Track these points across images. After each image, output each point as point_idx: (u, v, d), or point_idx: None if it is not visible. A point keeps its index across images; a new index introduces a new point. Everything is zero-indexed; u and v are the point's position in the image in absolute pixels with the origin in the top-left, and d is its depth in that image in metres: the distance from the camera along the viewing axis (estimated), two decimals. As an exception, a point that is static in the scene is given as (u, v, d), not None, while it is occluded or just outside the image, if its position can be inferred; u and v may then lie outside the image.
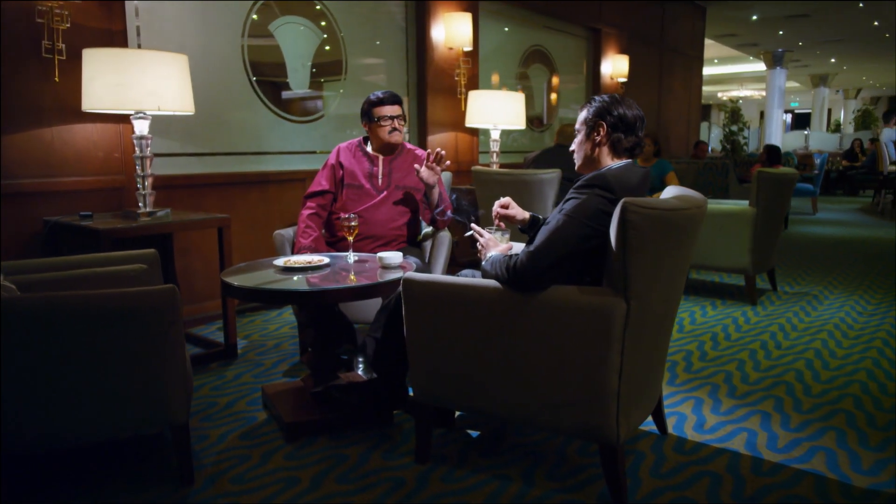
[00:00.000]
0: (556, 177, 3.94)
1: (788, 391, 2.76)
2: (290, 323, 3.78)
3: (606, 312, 1.77)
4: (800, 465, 2.13)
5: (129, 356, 1.79)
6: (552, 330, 1.84)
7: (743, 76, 20.35)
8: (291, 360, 3.15)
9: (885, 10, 10.04)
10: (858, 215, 9.58)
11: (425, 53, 5.05)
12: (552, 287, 1.84)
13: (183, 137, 3.70)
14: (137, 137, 3.00)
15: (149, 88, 2.83)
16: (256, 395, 2.72)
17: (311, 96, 4.39)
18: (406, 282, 2.01)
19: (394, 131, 2.99)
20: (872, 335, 3.55)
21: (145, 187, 3.05)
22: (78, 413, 1.80)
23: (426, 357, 2.05)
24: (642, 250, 1.72)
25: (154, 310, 1.79)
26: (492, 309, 1.90)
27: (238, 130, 3.96)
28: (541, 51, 6.58)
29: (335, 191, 3.08)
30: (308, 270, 2.42)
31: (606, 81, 7.43)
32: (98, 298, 1.74)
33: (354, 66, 4.62)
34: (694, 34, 9.52)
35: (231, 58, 3.87)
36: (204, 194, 3.76)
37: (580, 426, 1.87)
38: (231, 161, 3.95)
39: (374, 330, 2.82)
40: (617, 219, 1.71)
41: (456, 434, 2.37)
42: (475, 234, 2.19)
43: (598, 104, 2.00)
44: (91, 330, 1.73)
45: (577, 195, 1.87)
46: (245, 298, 2.27)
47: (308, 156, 4.37)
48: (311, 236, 2.99)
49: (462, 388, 2.02)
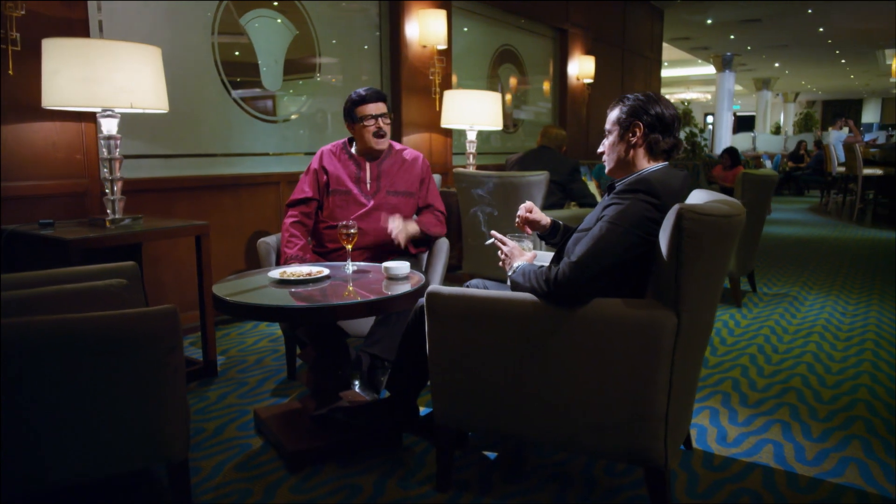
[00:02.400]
0: (544, 179, 3.82)
1: (800, 398, 2.70)
2: (268, 336, 3.54)
3: (656, 327, 1.64)
4: (835, 480, 2.05)
5: (122, 388, 1.56)
6: (596, 346, 1.70)
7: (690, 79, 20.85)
8: (277, 378, 2.93)
9: (831, 17, 10.38)
10: (810, 215, 9.85)
11: (399, 51, 4.86)
12: (595, 300, 1.70)
13: (150, 138, 3.42)
14: (105, 137, 2.73)
15: (120, 83, 2.56)
16: (246, 419, 2.49)
17: (285, 95, 4.15)
18: (430, 295, 1.83)
19: (379, 134, 2.81)
20: (862, 336, 3.56)
21: (114, 192, 2.77)
22: (63, 452, 1.56)
23: (451, 377, 1.88)
24: (697, 260, 1.59)
25: (152, 334, 1.56)
26: (528, 324, 1.75)
27: (208, 130, 3.70)
28: (511, 51, 6.48)
29: (319, 198, 2.88)
30: (308, 283, 2.22)
31: (573, 82, 7.39)
32: (84, 323, 1.51)
33: (328, 63, 4.40)
34: (653, 36, 9.60)
35: (200, 53, 3.60)
36: (173, 199, 3.49)
37: (625, 449, 1.73)
38: (201, 163, 3.69)
39: (369, 345, 2.64)
40: (671, 226, 1.59)
41: (472, 456, 2.20)
42: (496, 242, 2.03)
43: (633, 102, 1.87)
44: (76, 360, 1.50)
45: (619, 201, 1.74)
46: (243, 316, 2.05)
47: (282, 157, 4.13)
48: (297, 245, 2.78)
49: (492, 411, 1.86)
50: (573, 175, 4.31)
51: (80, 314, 1.51)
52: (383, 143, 2.84)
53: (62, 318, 1.50)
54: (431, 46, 5.05)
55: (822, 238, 7.37)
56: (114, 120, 2.73)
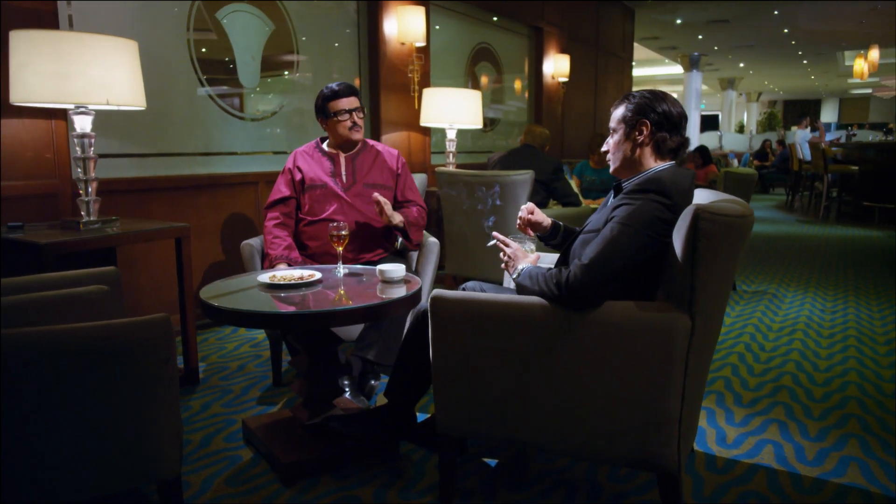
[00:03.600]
0: (529, 178, 3.77)
1: (792, 396, 2.71)
2: (248, 340, 3.43)
3: (669, 330, 1.60)
4: (839, 480, 2.04)
5: (113, 403, 1.46)
6: (608, 351, 1.65)
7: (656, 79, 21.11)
8: (263, 385, 2.82)
9: (796, 18, 10.58)
10: (778, 212, 10.03)
11: (378, 48, 4.77)
12: (606, 303, 1.65)
13: (122, 136, 3.27)
14: (78, 136, 2.59)
15: (95, 79, 2.43)
16: (233, 429, 2.39)
17: (263, 92, 4.03)
18: (434, 300, 1.76)
19: (354, 127, 2.75)
20: (844, 334, 3.60)
21: (88, 193, 2.64)
22: (48, 472, 1.45)
23: (455, 384, 1.82)
24: (713, 261, 1.56)
25: (145, 345, 1.46)
26: (537, 329, 1.69)
27: (184, 128, 3.56)
28: (487, 49, 6.43)
29: (297, 196, 2.80)
30: (301, 287, 2.13)
31: (548, 81, 7.38)
32: (72, 334, 1.40)
33: (306, 60, 4.29)
34: (624, 36, 9.66)
35: (175, 48, 3.47)
36: (148, 200, 3.35)
37: (637, 455, 1.69)
38: (176, 163, 3.55)
39: (361, 349, 2.56)
40: (686, 227, 1.55)
41: (472, 464, 2.14)
42: (498, 244, 1.97)
43: (639, 100, 1.82)
44: (63, 374, 1.40)
45: (629, 201, 1.69)
46: (235, 324, 1.96)
47: (260, 157, 4.01)
48: (282, 245, 2.69)
49: (498, 418, 1.80)
50: (556, 174, 4.28)
51: (69, 325, 1.40)
52: (358, 134, 2.79)
53: (49, 330, 1.40)
54: (410, 44, 4.97)
55: (793, 235, 7.50)
56: (88, 117, 2.59)
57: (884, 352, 3.29)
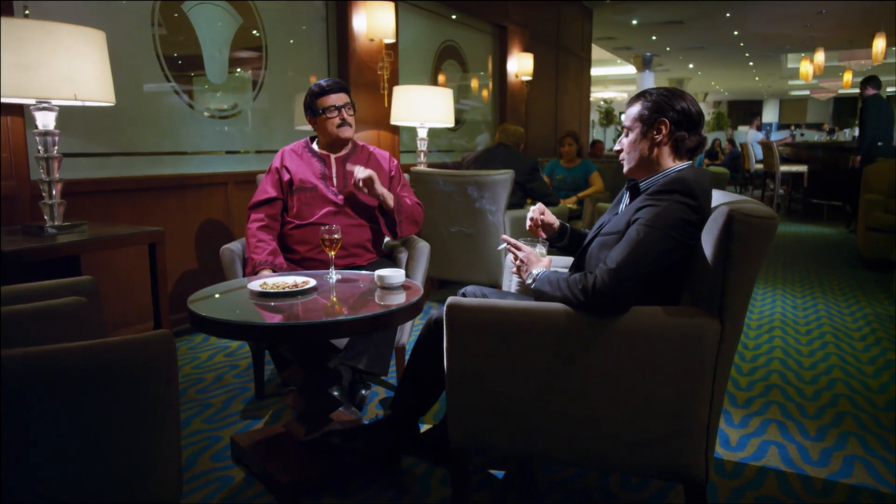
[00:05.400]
0: (509, 178, 3.71)
1: (785, 395, 2.71)
2: (222, 349, 3.26)
3: (699, 335, 1.55)
4: (848, 481, 2.03)
5: (111, 428, 1.31)
6: (635, 358, 1.59)
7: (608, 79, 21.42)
8: (244, 397, 2.67)
9: (746, 21, 10.86)
10: (732, 210, 10.26)
11: (347, 45, 4.64)
12: (633, 309, 1.59)
13: (82, 134, 3.06)
14: (41, 133, 2.40)
15: (62, 72, 2.24)
16: (220, 447, 2.24)
17: (231, 89, 3.84)
18: (451, 307, 1.67)
19: (343, 124, 2.63)
20: (820, 330, 3.66)
21: (52, 196, 2.44)
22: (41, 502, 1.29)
23: (473, 396, 1.72)
24: (746, 264, 1.51)
25: (146, 365, 1.32)
26: (562, 337, 1.61)
27: (148, 126, 3.36)
28: (454, 47, 6.35)
29: (284, 197, 2.66)
30: (297, 296, 2.00)
31: (512, 80, 7.34)
32: (67, 354, 1.25)
33: (275, 56, 4.12)
34: (583, 36, 9.72)
35: (139, 42, 3.27)
36: (113, 202, 3.14)
37: (664, 465, 1.63)
38: (142, 162, 3.35)
39: (351, 357, 2.44)
40: (718, 229, 1.49)
41: (478, 476, 2.06)
42: (509, 247, 1.88)
43: (657, 98, 1.77)
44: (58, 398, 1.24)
45: (654, 202, 1.63)
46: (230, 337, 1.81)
47: (229, 156, 3.83)
48: (266, 249, 2.54)
49: (517, 431, 1.71)
50: (533, 174, 4.23)
51: (59, 345, 1.25)
52: (348, 132, 2.65)
53: (37, 351, 1.24)
54: (379, 40, 4.85)
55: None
56: (51, 113, 2.40)
57: (861, 347, 3.35)
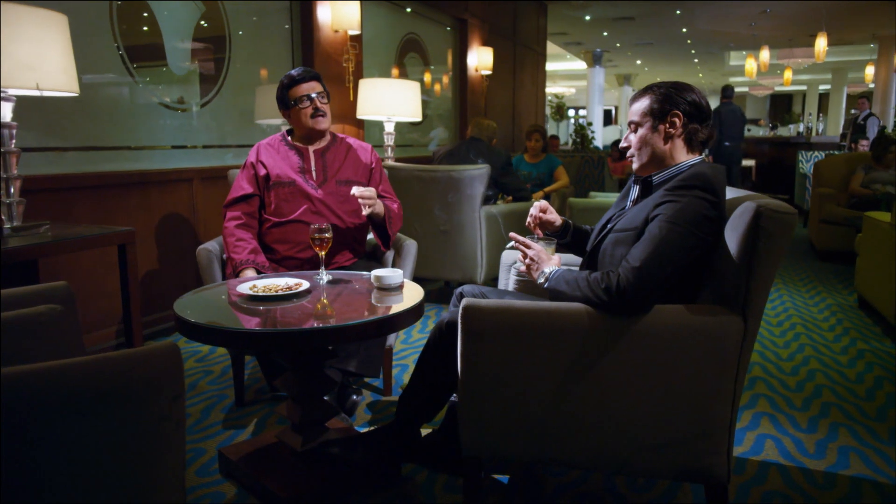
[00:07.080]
0: (485, 173, 3.65)
1: (769, 388, 2.74)
2: (193, 354, 3.10)
3: (722, 333, 1.52)
4: (847, 472, 2.05)
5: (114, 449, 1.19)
6: (658, 358, 1.55)
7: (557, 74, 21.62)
8: (223, 405, 2.54)
9: (695, 19, 11.10)
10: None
11: (312, 35, 4.48)
12: (655, 308, 1.55)
13: (37, 127, 2.84)
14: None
15: (22, 59, 2.06)
16: (204, 460, 2.11)
17: (194, 80, 3.65)
18: (467, 309, 1.59)
19: (317, 115, 2.50)
20: (791, 321, 3.74)
21: (10, 194, 2.25)
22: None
23: (488, 401, 1.65)
24: (772, 260, 1.49)
25: (153, 382, 1.20)
26: (584, 338, 1.56)
27: (108, 118, 3.16)
28: (416, 40, 6.25)
29: (260, 194, 2.53)
30: (291, 299, 1.88)
31: (472, 74, 7.29)
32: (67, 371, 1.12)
33: (239, 47, 3.94)
34: (539, 31, 9.75)
35: (96, 28, 3.05)
36: (71, 200, 2.93)
37: (686, 467, 1.60)
38: (101, 157, 3.14)
39: (342, 360, 2.35)
40: (745, 225, 1.47)
41: (481, 482, 1.99)
42: (518, 245, 1.82)
43: (666, 91, 1.72)
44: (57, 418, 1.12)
45: (674, 198, 1.59)
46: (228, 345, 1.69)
47: (193, 151, 3.64)
48: (247, 248, 2.41)
49: (534, 437, 1.65)
50: (506, 168, 4.19)
51: (58, 361, 1.12)
52: (324, 122, 2.52)
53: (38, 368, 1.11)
54: (344, 31, 4.72)
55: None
56: (8, 104, 2.21)
57: (831, 338, 3.43)
